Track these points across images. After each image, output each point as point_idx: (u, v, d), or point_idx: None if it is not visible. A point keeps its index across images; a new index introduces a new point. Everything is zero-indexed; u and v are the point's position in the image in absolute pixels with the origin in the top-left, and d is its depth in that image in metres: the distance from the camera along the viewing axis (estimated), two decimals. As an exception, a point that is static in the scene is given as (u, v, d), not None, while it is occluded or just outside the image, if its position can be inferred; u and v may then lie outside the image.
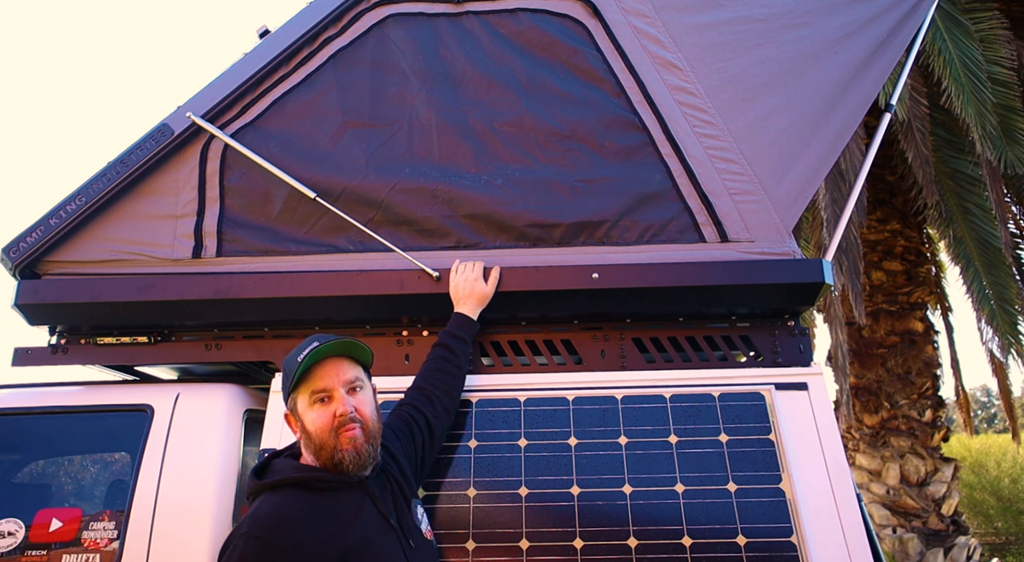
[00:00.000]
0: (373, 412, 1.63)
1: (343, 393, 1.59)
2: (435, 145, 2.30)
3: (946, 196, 6.65)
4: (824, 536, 1.84)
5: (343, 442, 1.54)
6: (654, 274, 2.13)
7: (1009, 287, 6.39)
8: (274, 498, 1.51)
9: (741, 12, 2.39)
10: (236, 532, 1.43)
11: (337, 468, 1.55)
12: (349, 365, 1.64)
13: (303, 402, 1.60)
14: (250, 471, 1.62)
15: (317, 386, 1.58)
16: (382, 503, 1.58)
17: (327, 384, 1.58)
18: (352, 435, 1.54)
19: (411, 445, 1.83)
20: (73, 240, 2.27)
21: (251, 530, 1.42)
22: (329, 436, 1.55)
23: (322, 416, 1.56)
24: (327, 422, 1.55)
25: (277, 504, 1.49)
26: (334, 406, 1.57)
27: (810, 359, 2.18)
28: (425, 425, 1.87)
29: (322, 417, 1.56)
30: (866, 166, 2.51)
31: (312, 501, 1.50)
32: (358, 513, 1.52)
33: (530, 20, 2.41)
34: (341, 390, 1.59)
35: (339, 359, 1.63)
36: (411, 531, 1.60)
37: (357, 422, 1.57)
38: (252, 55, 2.38)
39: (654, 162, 2.26)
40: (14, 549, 1.98)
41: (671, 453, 1.97)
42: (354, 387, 1.62)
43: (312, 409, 1.58)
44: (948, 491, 7.21)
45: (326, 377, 1.59)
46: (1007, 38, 6.00)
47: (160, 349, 2.32)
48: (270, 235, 2.27)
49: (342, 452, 1.53)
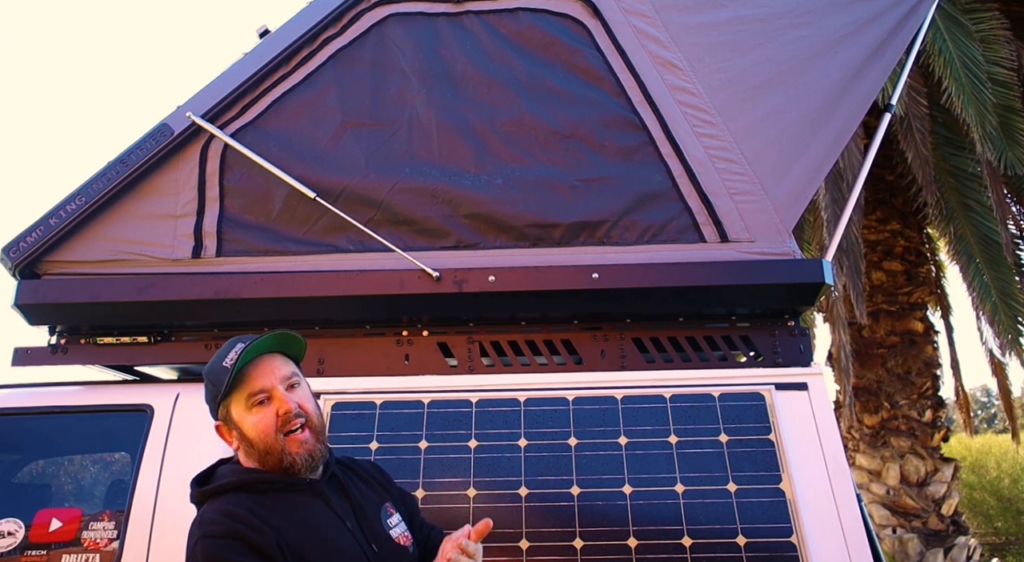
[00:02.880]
0: (315, 407, 1.52)
1: (282, 390, 1.46)
2: (435, 145, 2.30)
3: (947, 193, 6.64)
4: (824, 536, 1.84)
5: (291, 445, 1.43)
6: (654, 274, 2.13)
7: (1011, 282, 6.38)
8: (216, 503, 1.41)
9: (741, 12, 2.39)
10: (190, 543, 1.36)
11: (289, 472, 1.44)
12: (282, 361, 1.52)
13: (238, 408, 1.46)
14: (192, 479, 1.51)
15: (254, 388, 1.45)
16: (336, 504, 1.48)
17: (264, 384, 1.46)
18: (301, 438, 1.44)
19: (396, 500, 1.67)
20: (73, 240, 2.27)
21: (204, 533, 1.34)
22: (275, 439, 1.43)
23: (264, 418, 1.44)
24: (270, 424, 1.44)
25: (221, 506, 1.40)
26: (275, 405, 1.45)
27: (810, 359, 2.18)
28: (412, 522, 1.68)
29: (264, 419, 1.44)
30: (866, 166, 2.51)
31: (258, 503, 1.41)
32: (309, 514, 1.44)
33: (530, 20, 2.41)
34: (280, 387, 1.46)
35: (271, 356, 1.51)
36: (373, 535, 1.49)
37: (302, 418, 1.46)
38: (252, 55, 2.38)
39: (654, 162, 2.26)
40: (14, 549, 1.98)
41: (671, 453, 1.97)
42: (292, 384, 1.50)
43: (251, 413, 1.45)
44: (948, 491, 7.20)
45: (261, 377, 1.46)
46: (1007, 38, 5.99)
47: (160, 349, 2.32)
48: (270, 235, 2.27)
49: (292, 455, 1.43)
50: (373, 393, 2.11)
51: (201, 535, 1.33)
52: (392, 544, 1.52)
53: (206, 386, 1.52)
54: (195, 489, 1.47)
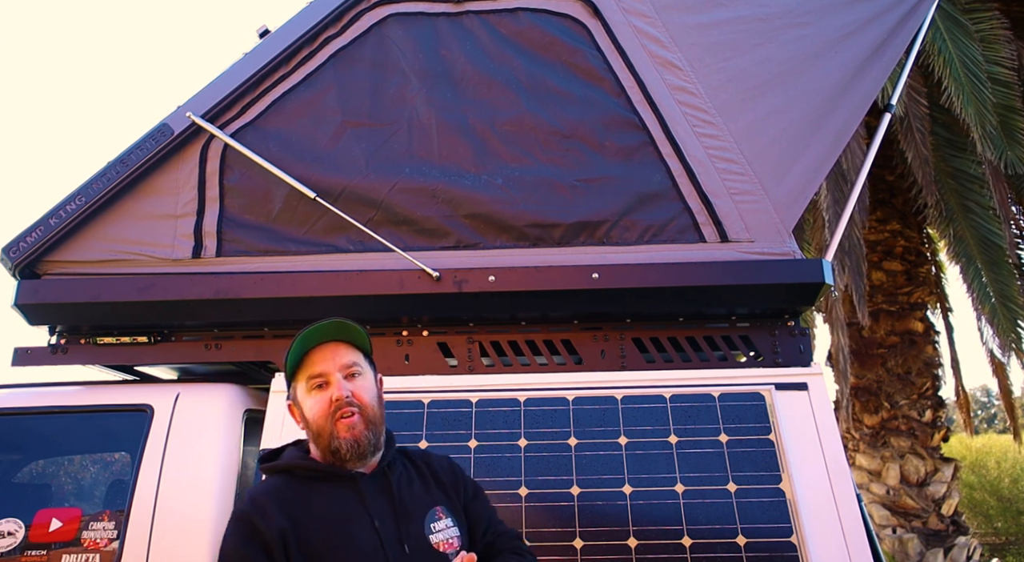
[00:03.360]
0: (373, 398, 1.56)
1: (340, 378, 1.53)
2: (435, 145, 2.30)
3: (946, 194, 6.64)
4: (824, 536, 1.84)
5: (340, 430, 1.49)
6: (654, 274, 2.13)
7: (1011, 284, 6.38)
8: (264, 482, 1.53)
9: (741, 12, 2.39)
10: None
11: (335, 456, 1.49)
12: (346, 350, 1.58)
13: (302, 389, 1.56)
14: (261, 455, 1.62)
15: (313, 371, 1.54)
16: (372, 501, 1.50)
17: (323, 369, 1.53)
18: (350, 422, 1.49)
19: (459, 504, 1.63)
20: (73, 240, 2.27)
21: (234, 511, 1.47)
22: (326, 422, 1.50)
23: (319, 402, 1.51)
24: (324, 408, 1.50)
25: (261, 487, 1.51)
26: (330, 391, 1.52)
27: (810, 359, 2.18)
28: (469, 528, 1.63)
29: (319, 403, 1.51)
30: (866, 166, 2.51)
31: (296, 489, 1.49)
32: (338, 508, 1.47)
33: (530, 19, 2.41)
34: (338, 375, 1.53)
35: (336, 344, 1.58)
36: (409, 537, 1.48)
37: (355, 407, 1.50)
38: (252, 55, 2.38)
39: (654, 162, 2.26)
40: (14, 549, 1.98)
41: (671, 453, 1.97)
42: (352, 373, 1.55)
43: (310, 395, 1.53)
44: (948, 491, 7.20)
45: (322, 362, 1.54)
46: (1007, 38, 5.99)
47: (160, 349, 2.32)
48: (270, 235, 2.27)
49: (339, 440, 1.48)
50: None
51: (233, 511, 1.50)
52: (428, 548, 1.50)
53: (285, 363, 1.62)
54: (259, 464, 1.59)
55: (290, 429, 2.06)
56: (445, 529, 1.55)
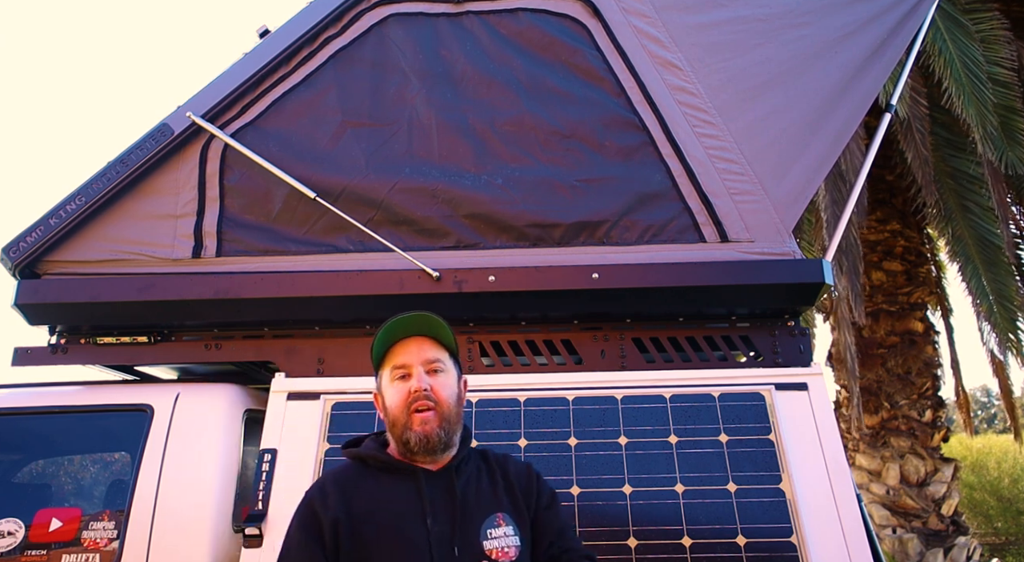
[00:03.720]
0: (452, 397, 1.57)
1: (421, 371, 1.55)
2: (435, 145, 2.30)
3: (946, 195, 6.64)
4: (824, 536, 1.84)
5: (414, 423, 1.51)
6: (654, 274, 2.13)
7: (1009, 285, 6.38)
8: (339, 466, 1.59)
9: (741, 12, 2.39)
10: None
11: (406, 447, 1.52)
12: (432, 346, 1.60)
13: (386, 378, 1.59)
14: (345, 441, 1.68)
15: (397, 362, 1.57)
16: (430, 501, 1.49)
17: (406, 360, 1.57)
18: (424, 417, 1.51)
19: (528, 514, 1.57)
20: (73, 240, 2.27)
21: (307, 491, 1.53)
22: (402, 413, 1.52)
23: (399, 392, 1.54)
24: (402, 398, 1.53)
25: (333, 469, 1.58)
26: (410, 383, 1.54)
27: (810, 359, 2.18)
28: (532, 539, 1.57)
29: (398, 393, 1.54)
30: (866, 166, 2.51)
31: (361, 476, 1.54)
32: (394, 502, 1.48)
33: (530, 20, 2.41)
34: (419, 368, 1.56)
35: (423, 339, 1.60)
36: (462, 541, 1.46)
37: (431, 402, 1.52)
38: (252, 55, 2.38)
39: (654, 162, 2.26)
40: (14, 549, 1.98)
41: (671, 453, 1.97)
42: (435, 368, 1.58)
43: (392, 385, 1.57)
44: (948, 491, 7.20)
45: (406, 353, 1.58)
46: (1007, 38, 5.99)
47: (160, 349, 2.32)
48: (270, 235, 2.27)
49: (410, 432, 1.50)
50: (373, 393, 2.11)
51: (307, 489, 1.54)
52: (480, 554, 1.47)
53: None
54: (342, 448, 1.64)
55: (290, 428, 2.06)
56: (503, 537, 1.51)
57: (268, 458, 2.02)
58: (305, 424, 2.07)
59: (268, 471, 2.00)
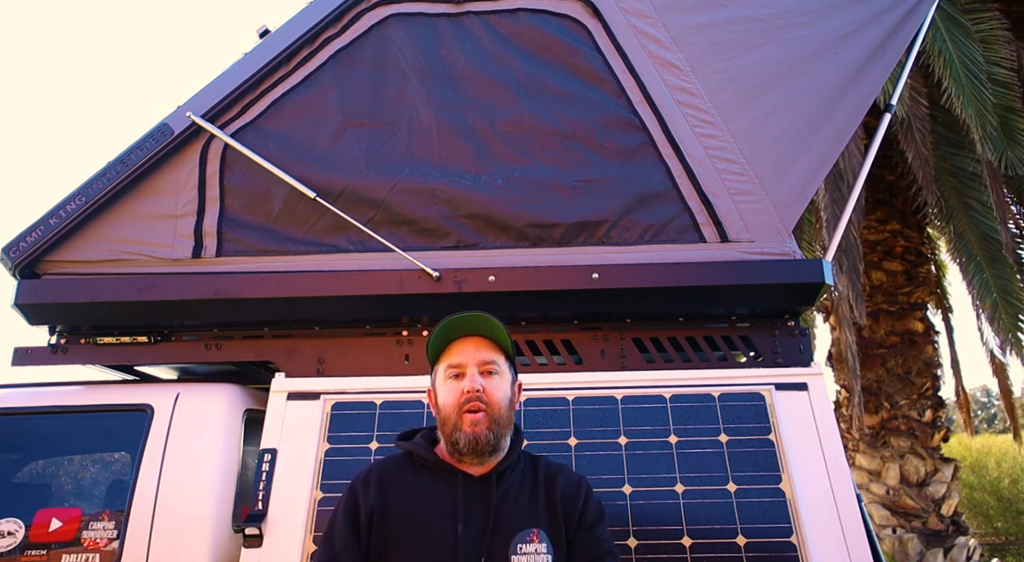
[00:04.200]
0: (503, 399, 1.54)
1: (475, 371, 1.54)
2: (435, 145, 2.30)
3: (947, 192, 6.64)
4: (824, 536, 1.84)
5: (464, 423, 1.49)
6: (654, 274, 2.13)
7: (1012, 280, 6.38)
8: (389, 456, 1.60)
9: (741, 12, 2.40)
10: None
11: (454, 447, 1.50)
12: (488, 347, 1.58)
13: (440, 375, 1.58)
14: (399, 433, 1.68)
15: (452, 360, 1.56)
16: (465, 505, 1.47)
17: (461, 359, 1.55)
18: (475, 418, 1.49)
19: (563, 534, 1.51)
20: (73, 240, 2.27)
21: (355, 475, 1.57)
22: (454, 412, 1.51)
23: (452, 391, 1.53)
24: (455, 397, 1.52)
25: (383, 460, 1.59)
26: (464, 382, 1.53)
27: (810, 359, 2.18)
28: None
29: (452, 392, 1.53)
30: (866, 166, 2.51)
31: (401, 471, 1.55)
32: (427, 499, 1.48)
33: (530, 20, 2.41)
34: (474, 368, 1.54)
35: (480, 339, 1.59)
36: (490, 551, 1.43)
37: (483, 403, 1.50)
38: (252, 55, 2.38)
39: (654, 162, 2.26)
40: (14, 549, 1.98)
41: (671, 453, 1.97)
42: (489, 370, 1.56)
43: (445, 383, 1.56)
44: (948, 491, 7.20)
45: (461, 352, 1.56)
46: (1007, 38, 5.99)
47: (160, 349, 2.32)
48: (270, 235, 2.27)
49: (460, 432, 1.49)
50: (373, 393, 2.11)
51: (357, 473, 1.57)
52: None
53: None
54: (395, 440, 1.65)
55: (290, 428, 2.06)
56: (534, 553, 1.46)
57: (268, 458, 2.02)
58: (305, 424, 2.07)
59: (268, 471, 2.00)
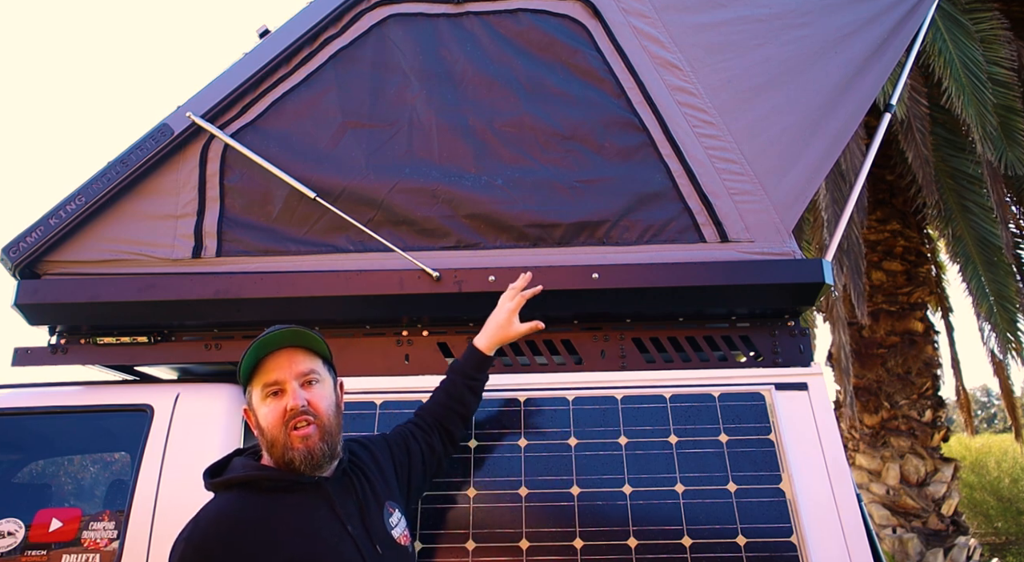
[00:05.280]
0: (330, 407, 1.54)
1: (295, 386, 1.49)
2: (435, 145, 2.30)
3: (946, 195, 6.65)
4: (824, 536, 1.84)
5: (294, 440, 1.45)
6: (654, 274, 2.13)
7: (1008, 285, 6.39)
8: (219, 500, 1.46)
9: (741, 12, 2.39)
10: (179, 536, 1.40)
11: (289, 467, 1.46)
12: (304, 356, 1.55)
13: (256, 396, 1.51)
14: (205, 469, 1.54)
15: (268, 379, 1.50)
16: (340, 506, 1.48)
17: (278, 376, 1.50)
18: (305, 433, 1.46)
19: (404, 456, 1.76)
20: (73, 240, 2.27)
21: (190, 536, 1.38)
22: (280, 432, 1.46)
23: (273, 410, 1.47)
24: (278, 417, 1.46)
25: (219, 508, 1.44)
26: (285, 400, 1.48)
27: (810, 359, 2.18)
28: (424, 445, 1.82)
29: (273, 412, 1.47)
30: (866, 166, 2.51)
31: (259, 504, 1.43)
32: (310, 518, 1.44)
33: (530, 20, 2.41)
34: (294, 383, 1.50)
35: (293, 350, 1.54)
36: (378, 536, 1.49)
37: (310, 416, 1.47)
38: (252, 55, 2.38)
39: (654, 162, 2.26)
40: (14, 549, 1.98)
41: (671, 453, 1.97)
42: (309, 380, 1.53)
43: (264, 403, 1.49)
44: (948, 491, 7.21)
45: (277, 369, 1.50)
46: (1007, 38, 6.00)
47: (160, 349, 2.32)
48: (270, 235, 2.27)
49: (293, 451, 1.45)
50: (373, 393, 2.11)
51: (187, 536, 1.39)
52: (395, 545, 1.53)
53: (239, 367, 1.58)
54: (207, 480, 1.51)
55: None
56: (399, 522, 1.59)
57: (268, 458, 2.01)
58: (305, 424, 2.06)
59: (268, 471, 1.99)
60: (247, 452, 1.59)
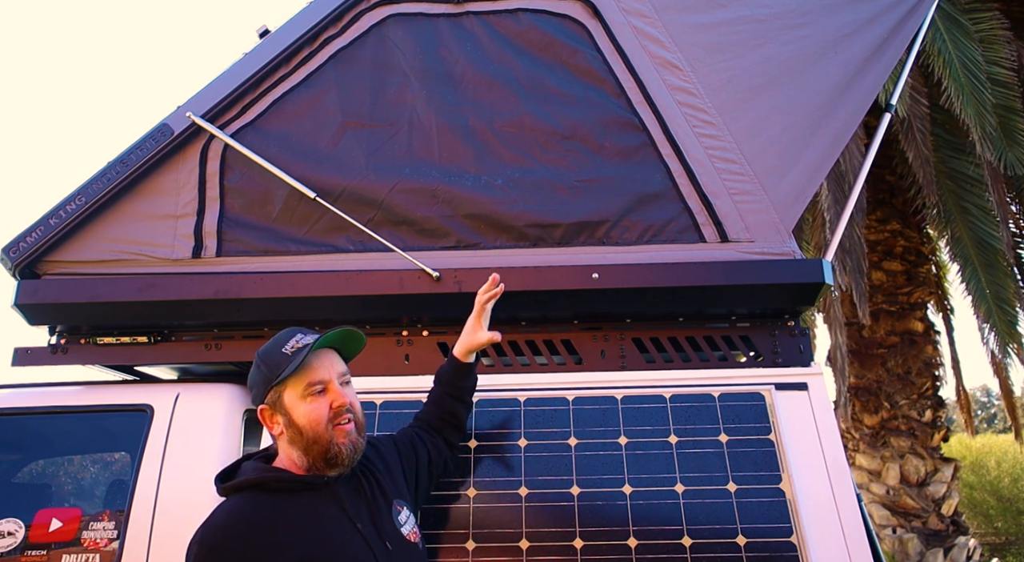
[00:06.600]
0: (359, 406, 1.61)
1: (338, 385, 1.55)
2: (435, 145, 2.30)
3: (945, 196, 6.65)
4: (824, 536, 1.84)
5: (339, 436, 1.51)
6: (654, 274, 2.13)
7: (1007, 287, 6.39)
8: (230, 503, 1.47)
9: (741, 12, 2.39)
10: (193, 539, 1.41)
11: (330, 462, 1.50)
12: (338, 358, 1.62)
13: (292, 395, 1.52)
14: (216, 475, 1.56)
15: (314, 378, 1.52)
16: (350, 505, 1.51)
17: (324, 375, 1.53)
18: (348, 429, 1.52)
19: (411, 455, 1.80)
20: (73, 240, 2.27)
21: (203, 538, 1.40)
22: (325, 429, 1.50)
23: (318, 408, 1.50)
24: (323, 414, 1.50)
25: (230, 510, 1.45)
26: (330, 398, 1.52)
27: (810, 359, 2.18)
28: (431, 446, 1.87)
29: (318, 409, 1.50)
30: (866, 166, 2.51)
31: (270, 505, 1.45)
32: (320, 518, 1.46)
33: (530, 20, 2.41)
34: (336, 382, 1.55)
35: (329, 351, 1.60)
36: (387, 534, 1.53)
37: (351, 414, 1.54)
38: (252, 55, 2.38)
39: (654, 162, 2.26)
40: (14, 549, 1.98)
41: (671, 453, 1.97)
42: (345, 381, 1.59)
43: (305, 401, 1.51)
44: (948, 491, 7.20)
45: (322, 369, 1.54)
46: (1007, 38, 5.99)
47: (160, 349, 2.32)
48: (270, 235, 2.27)
49: (339, 445, 1.50)
50: (373, 393, 2.12)
51: (200, 538, 1.40)
52: (405, 542, 1.56)
53: (258, 368, 1.57)
54: (218, 485, 1.53)
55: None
56: (408, 520, 1.62)
57: (268, 458, 2.01)
58: (305, 424, 2.06)
59: (268, 471, 1.99)
60: (256, 456, 1.62)
